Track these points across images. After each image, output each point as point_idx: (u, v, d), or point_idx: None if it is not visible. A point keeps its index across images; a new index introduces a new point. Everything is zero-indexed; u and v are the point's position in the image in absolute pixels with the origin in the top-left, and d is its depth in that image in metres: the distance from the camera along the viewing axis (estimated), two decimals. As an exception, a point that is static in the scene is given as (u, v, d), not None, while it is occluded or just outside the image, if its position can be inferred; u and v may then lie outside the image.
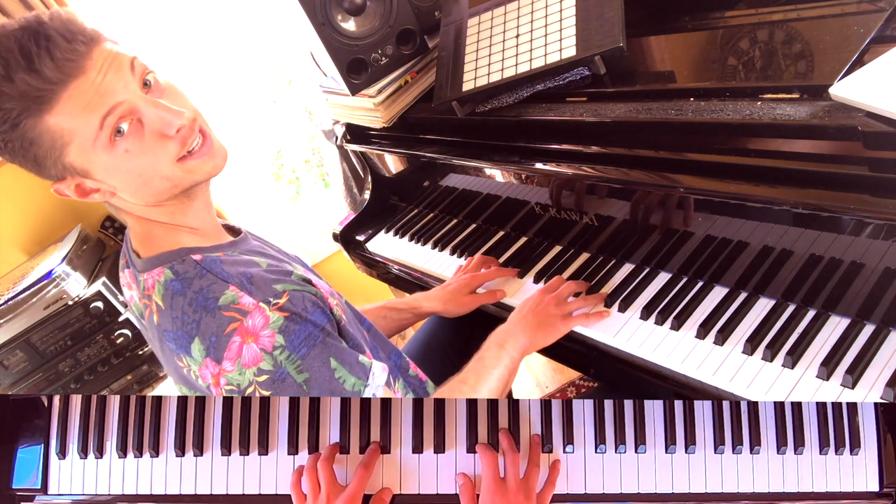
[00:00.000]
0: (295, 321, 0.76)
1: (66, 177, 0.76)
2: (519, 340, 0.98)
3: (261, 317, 0.75)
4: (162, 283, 0.80)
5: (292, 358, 0.76)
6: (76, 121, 0.70)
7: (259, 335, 0.75)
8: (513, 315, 1.04)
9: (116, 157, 0.74)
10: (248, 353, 0.75)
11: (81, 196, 0.78)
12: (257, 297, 0.76)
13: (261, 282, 0.78)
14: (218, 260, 0.80)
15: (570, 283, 1.07)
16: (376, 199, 1.57)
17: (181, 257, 0.81)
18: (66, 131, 0.71)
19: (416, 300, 1.22)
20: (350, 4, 1.24)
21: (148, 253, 0.84)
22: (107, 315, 2.13)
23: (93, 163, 0.74)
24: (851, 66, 0.82)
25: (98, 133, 0.71)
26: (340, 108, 1.45)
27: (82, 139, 0.71)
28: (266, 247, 0.94)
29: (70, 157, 0.73)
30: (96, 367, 2.19)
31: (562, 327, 1.01)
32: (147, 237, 0.85)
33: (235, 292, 0.76)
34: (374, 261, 1.47)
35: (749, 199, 0.86)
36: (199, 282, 0.78)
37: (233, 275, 0.78)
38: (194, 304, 0.77)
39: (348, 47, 1.25)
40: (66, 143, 0.72)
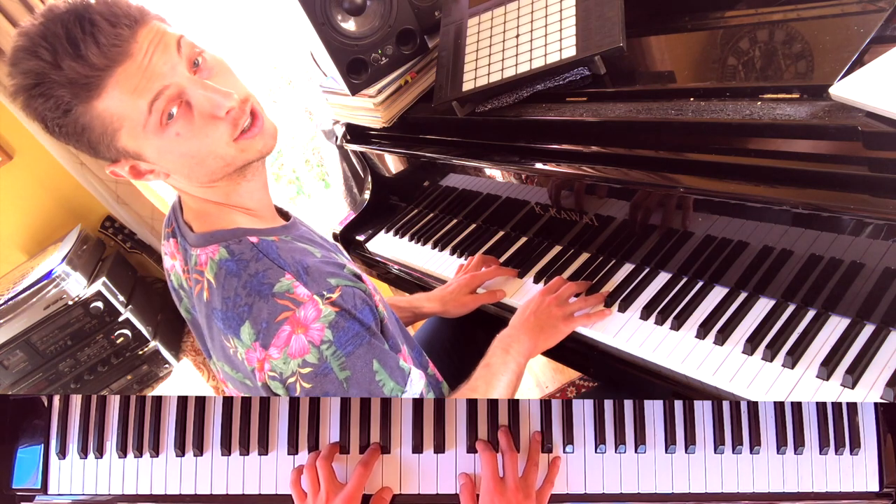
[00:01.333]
0: (345, 318, 0.77)
1: (121, 159, 0.76)
2: (523, 344, 0.98)
3: (313, 309, 0.75)
4: (216, 261, 0.80)
5: (338, 354, 0.76)
6: (125, 106, 0.70)
7: (309, 327, 0.75)
8: (515, 318, 1.04)
9: (168, 141, 0.73)
10: (296, 343, 0.75)
11: (136, 177, 0.78)
12: (312, 289, 0.76)
13: (316, 273, 0.78)
14: (274, 244, 0.80)
15: (570, 283, 1.07)
16: (376, 199, 1.57)
17: (238, 237, 0.80)
18: (115, 117, 0.71)
19: (418, 300, 1.23)
20: (350, 4, 1.24)
21: (203, 228, 0.83)
22: (107, 315, 2.14)
23: (145, 146, 0.74)
24: (851, 66, 0.82)
25: (148, 118, 0.71)
26: (340, 108, 1.45)
27: (132, 124, 0.72)
28: (313, 233, 0.94)
29: (122, 141, 0.73)
30: (96, 367, 2.19)
31: (564, 328, 1.01)
32: (202, 213, 0.84)
33: (291, 281, 0.76)
34: (374, 261, 1.47)
35: (749, 199, 0.86)
36: (255, 265, 0.78)
37: (289, 262, 0.78)
38: (248, 287, 0.77)
39: (348, 47, 1.25)
40: (116, 128, 0.72)
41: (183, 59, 0.73)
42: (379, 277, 1.52)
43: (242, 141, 0.78)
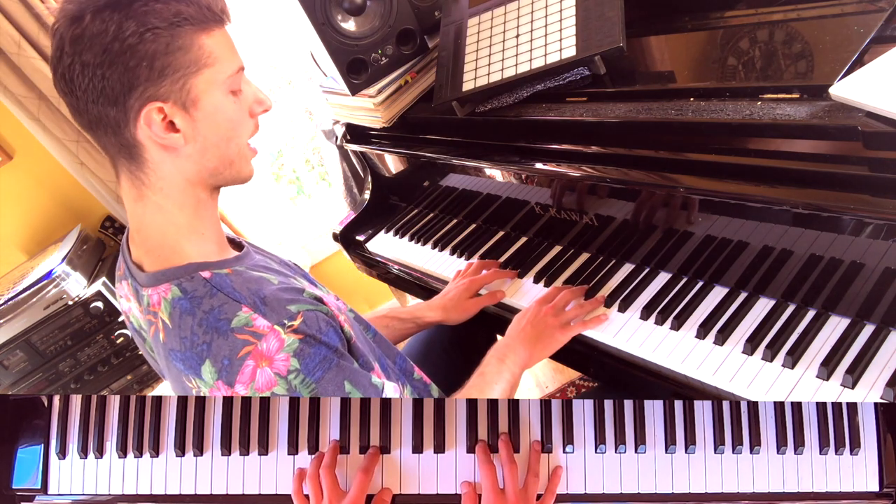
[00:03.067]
0: (310, 343, 0.75)
1: (171, 100, 0.74)
2: (519, 355, 0.98)
3: (276, 340, 0.74)
4: (169, 300, 0.78)
5: (307, 382, 0.75)
6: (225, 53, 0.76)
7: (274, 359, 0.73)
8: (511, 328, 1.03)
9: (227, 103, 0.77)
10: (262, 377, 0.73)
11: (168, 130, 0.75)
12: (272, 320, 0.74)
13: (274, 302, 0.76)
14: (227, 278, 0.78)
15: (566, 291, 1.06)
16: (376, 199, 1.57)
17: (189, 274, 0.78)
18: (213, 56, 0.75)
19: (419, 310, 1.21)
20: (350, 4, 1.24)
21: (153, 267, 0.81)
22: (107, 315, 2.13)
23: (209, 96, 0.76)
24: (851, 66, 0.82)
25: (233, 74, 0.77)
26: (340, 108, 1.45)
27: (221, 69, 0.76)
28: (269, 260, 0.91)
29: (200, 78, 0.74)
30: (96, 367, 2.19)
31: (561, 338, 1.00)
32: (153, 248, 0.82)
33: (249, 314, 0.75)
34: (374, 261, 1.47)
35: (749, 199, 0.86)
36: (210, 301, 0.76)
37: (245, 295, 0.76)
38: (205, 324, 0.75)
39: (348, 47, 1.25)
40: (207, 64, 0.74)
41: None
42: (379, 277, 1.52)
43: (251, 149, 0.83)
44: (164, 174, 0.78)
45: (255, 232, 2.29)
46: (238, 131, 0.80)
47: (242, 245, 0.90)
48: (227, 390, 0.75)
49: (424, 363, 1.14)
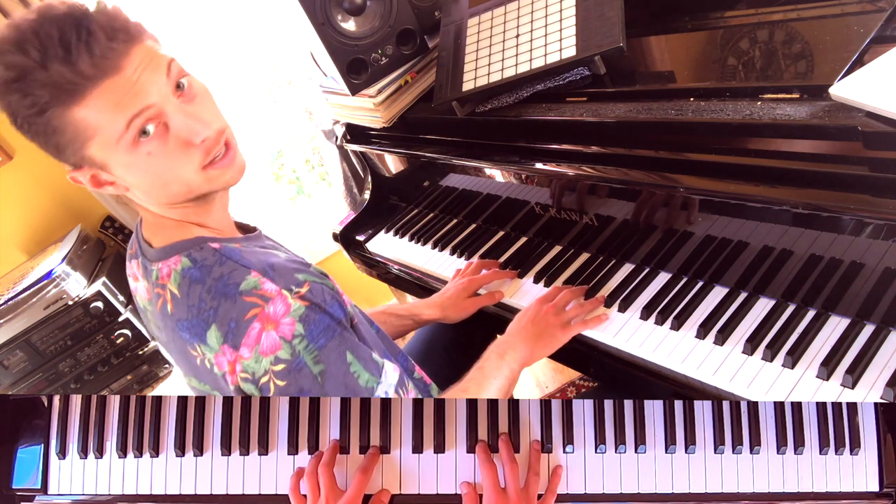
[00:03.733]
0: (315, 311, 0.76)
1: (84, 166, 0.75)
2: (519, 352, 0.98)
3: (282, 304, 0.75)
4: (179, 271, 0.79)
5: (310, 348, 0.75)
6: (103, 117, 0.70)
7: (280, 322, 0.74)
8: (512, 325, 1.04)
9: (138, 158, 0.73)
10: (267, 340, 0.74)
11: (96, 186, 0.77)
12: (280, 284, 0.75)
13: (283, 270, 0.77)
14: (236, 248, 0.80)
15: (567, 290, 1.06)
16: (376, 199, 1.57)
17: (199, 245, 0.80)
18: (91, 126, 0.70)
19: (417, 307, 1.22)
20: (350, 4, 1.24)
21: (162, 242, 0.82)
22: (107, 315, 2.13)
23: (113, 159, 0.74)
24: (851, 66, 0.82)
25: (123, 133, 0.71)
26: (340, 108, 1.45)
27: (106, 136, 0.71)
28: (279, 246, 0.93)
29: (91, 150, 0.72)
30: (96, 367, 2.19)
31: (561, 336, 1.00)
32: (161, 227, 0.84)
33: (258, 278, 0.76)
34: (374, 261, 1.47)
35: (749, 199, 0.86)
36: (220, 269, 0.77)
37: (254, 262, 0.78)
38: (213, 290, 0.76)
39: (348, 47, 1.25)
40: (89, 136, 0.71)
41: (171, 82, 0.74)
42: (379, 277, 1.52)
43: (211, 170, 0.78)
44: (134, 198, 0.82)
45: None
46: (169, 175, 0.76)
47: (255, 230, 0.92)
48: (231, 354, 0.75)
49: (425, 363, 1.14)
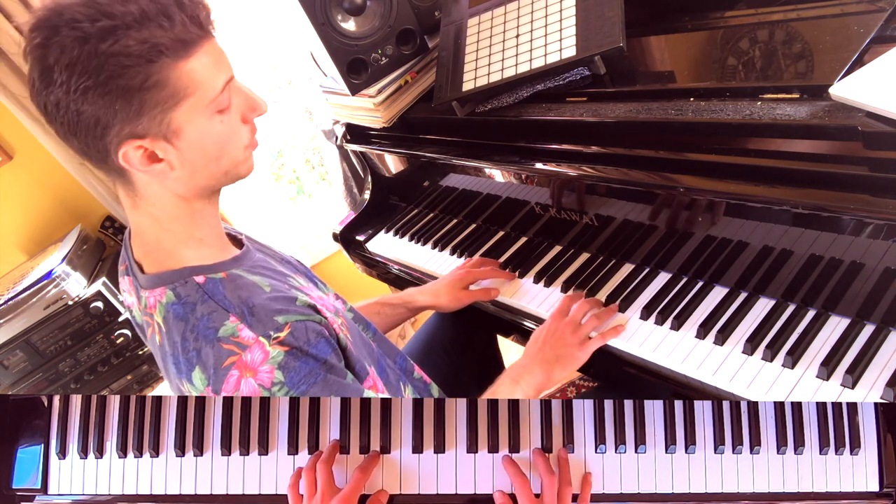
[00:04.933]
0: (296, 356, 0.75)
1: (149, 136, 0.71)
2: (535, 377, 0.95)
3: (260, 351, 0.73)
4: (164, 304, 0.79)
5: (291, 394, 0.75)
6: (207, 75, 0.71)
7: (258, 370, 0.73)
8: (529, 346, 1.01)
9: (213, 124, 0.74)
10: (247, 387, 0.73)
11: (150, 162, 0.73)
12: (257, 331, 0.74)
13: (262, 313, 0.76)
14: (220, 284, 0.78)
15: (582, 303, 1.03)
16: (376, 199, 1.57)
17: (184, 278, 0.78)
18: (194, 82, 0.70)
19: (410, 294, 1.22)
20: (350, 4, 1.24)
21: (151, 269, 0.82)
22: (107, 315, 2.13)
23: (193, 125, 0.72)
24: (851, 66, 0.82)
25: (218, 95, 0.72)
26: (340, 108, 1.45)
27: (204, 95, 0.71)
28: (269, 258, 0.91)
29: (179, 111, 0.71)
30: (96, 367, 2.19)
31: (580, 355, 0.97)
32: (151, 250, 0.82)
33: (236, 324, 0.75)
34: (374, 261, 1.47)
35: (749, 199, 0.86)
36: (201, 307, 0.76)
37: (234, 303, 0.76)
38: (195, 331, 0.76)
39: (348, 47, 1.25)
40: (188, 94, 0.70)
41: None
42: (379, 277, 1.52)
43: (248, 150, 0.80)
44: (155, 193, 0.78)
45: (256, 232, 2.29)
46: (229, 147, 0.77)
47: (243, 244, 0.89)
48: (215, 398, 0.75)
49: (425, 363, 1.14)
